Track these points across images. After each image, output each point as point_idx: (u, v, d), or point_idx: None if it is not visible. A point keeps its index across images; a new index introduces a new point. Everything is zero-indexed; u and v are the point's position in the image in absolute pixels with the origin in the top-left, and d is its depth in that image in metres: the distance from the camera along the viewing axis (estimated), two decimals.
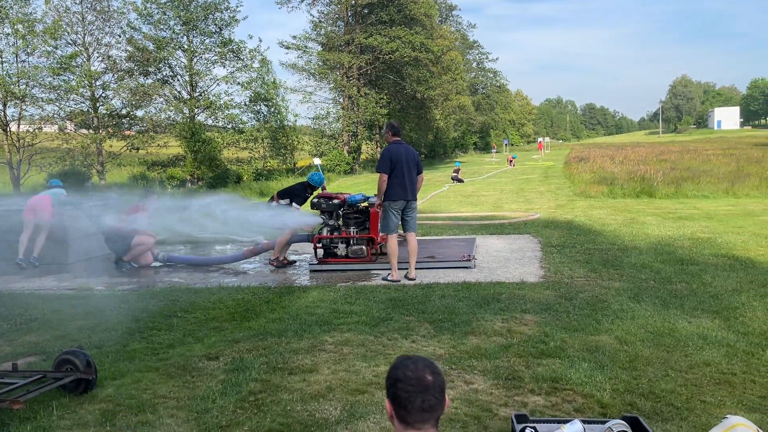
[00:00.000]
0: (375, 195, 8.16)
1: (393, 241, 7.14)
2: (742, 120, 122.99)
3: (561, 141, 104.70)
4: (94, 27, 25.12)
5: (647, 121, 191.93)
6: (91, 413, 3.70)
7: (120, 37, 26.14)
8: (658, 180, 17.42)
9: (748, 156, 25.95)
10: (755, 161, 22.68)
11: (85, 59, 24.72)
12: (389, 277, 7.17)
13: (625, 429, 2.76)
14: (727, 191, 15.75)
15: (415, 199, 7.26)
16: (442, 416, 3.54)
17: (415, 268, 7.22)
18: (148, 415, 3.63)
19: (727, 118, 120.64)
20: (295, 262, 8.68)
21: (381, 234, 7.53)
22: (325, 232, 8.14)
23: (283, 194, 8.50)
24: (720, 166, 20.91)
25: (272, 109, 30.79)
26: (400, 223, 7.26)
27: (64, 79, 23.74)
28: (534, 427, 2.91)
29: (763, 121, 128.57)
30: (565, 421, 2.97)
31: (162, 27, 27.18)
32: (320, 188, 8.52)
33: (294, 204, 8.32)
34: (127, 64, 26.35)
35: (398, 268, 7.14)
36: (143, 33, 26.74)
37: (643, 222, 11.02)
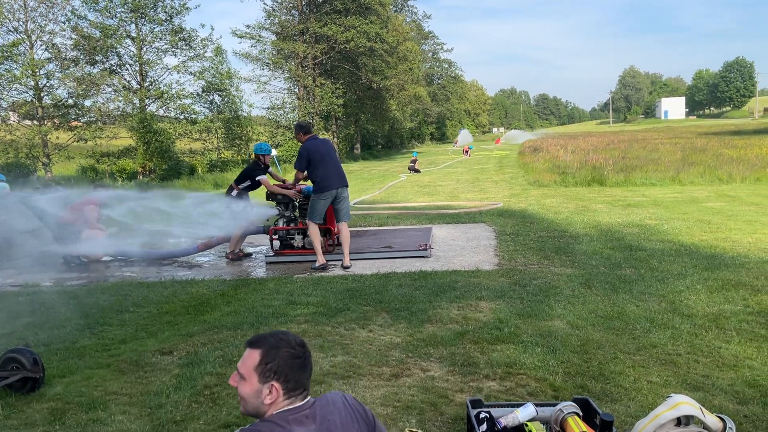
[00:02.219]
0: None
1: (315, 228, 7.28)
2: (687, 110, 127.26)
3: (515, 131, 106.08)
4: (37, 14, 24.12)
5: (598, 111, 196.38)
6: (39, 412, 3.60)
7: (64, 24, 25.20)
8: (608, 169, 17.87)
9: (693, 145, 26.83)
10: (700, 150, 23.47)
11: (27, 47, 23.77)
12: (316, 265, 7.27)
13: (575, 410, 2.84)
14: (673, 179, 16.27)
15: (346, 186, 7.36)
16: (399, 404, 3.58)
17: (373, 258, 7.25)
18: (99, 413, 3.55)
19: (674, 108, 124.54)
20: (251, 254, 8.59)
21: (306, 220, 7.53)
22: (281, 224, 8.08)
23: (240, 179, 8.33)
24: (667, 155, 21.56)
25: (226, 99, 30.23)
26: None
27: (6, 68, 22.79)
28: (488, 412, 2.96)
29: (707, 111, 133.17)
30: (519, 405, 3.04)
31: (108, 14, 26.32)
32: (270, 155, 8.35)
33: (258, 177, 8.14)
34: (72, 53, 25.44)
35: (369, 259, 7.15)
36: (89, 20, 25.85)
37: (594, 210, 11.31)
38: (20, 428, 3.42)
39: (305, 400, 1.93)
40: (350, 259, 7.32)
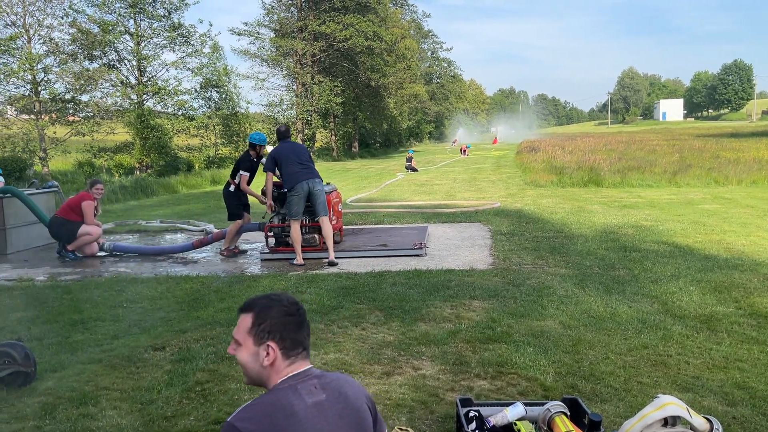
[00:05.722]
0: (327, 183, 8.17)
1: (296, 226, 7.40)
2: (685, 112, 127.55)
3: (513, 131, 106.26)
4: (35, 8, 24.05)
5: (597, 112, 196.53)
6: (30, 406, 3.60)
7: (63, 19, 25.13)
8: (605, 169, 17.90)
9: (690, 146, 26.89)
10: (697, 151, 23.53)
11: (25, 41, 23.69)
12: (294, 262, 7.41)
13: (563, 410, 2.85)
14: (670, 181, 16.31)
15: (319, 179, 7.50)
16: (389, 402, 3.59)
17: (368, 257, 7.28)
18: (89, 408, 3.55)
19: (672, 109, 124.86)
20: (246, 251, 8.58)
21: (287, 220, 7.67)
22: (276, 221, 8.08)
23: (233, 173, 8.30)
24: (664, 156, 21.60)
25: (224, 96, 30.18)
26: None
27: (3, 62, 22.72)
28: (478, 411, 2.97)
29: (705, 113, 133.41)
30: (508, 404, 3.05)
31: (107, 9, 26.25)
32: (264, 145, 8.35)
33: (240, 171, 8.14)
34: (70, 48, 25.36)
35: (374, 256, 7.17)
36: (87, 15, 25.78)
37: (590, 210, 11.33)
38: (11, 422, 3.42)
39: (310, 365, 1.88)
40: (345, 257, 7.33)
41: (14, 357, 3.84)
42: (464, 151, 37.50)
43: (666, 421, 2.64)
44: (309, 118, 36.84)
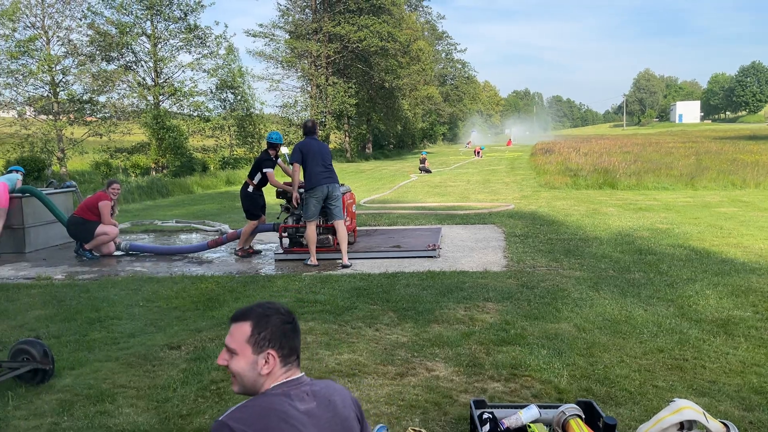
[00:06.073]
0: (343, 185, 8.20)
1: (312, 228, 7.44)
2: (702, 114, 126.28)
3: (528, 133, 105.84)
4: (54, 10, 24.36)
5: (612, 114, 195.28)
6: (48, 403, 3.65)
7: (81, 21, 25.43)
8: (620, 172, 17.77)
9: (707, 149, 26.63)
10: (714, 154, 23.30)
11: (44, 43, 24.00)
12: (308, 262, 7.46)
13: (578, 412, 2.84)
14: (686, 183, 16.15)
15: (338, 183, 7.56)
16: (403, 403, 3.60)
17: (382, 258, 7.29)
18: (106, 405, 3.60)
19: (689, 112, 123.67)
20: (260, 251, 8.63)
21: (302, 221, 7.78)
22: (290, 222, 8.12)
23: (252, 172, 8.33)
24: (680, 159, 21.42)
25: (239, 97, 30.35)
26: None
27: (22, 63, 23.02)
28: (491, 413, 2.97)
29: (722, 115, 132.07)
30: (522, 407, 3.05)
31: (124, 11, 26.52)
32: (281, 144, 8.39)
33: (264, 170, 8.18)
34: (88, 49, 25.65)
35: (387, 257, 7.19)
36: (105, 17, 26.07)
37: (605, 213, 11.26)
38: (29, 419, 3.47)
39: (302, 374, 1.91)
40: (359, 258, 7.35)
41: (33, 354, 3.89)
42: (478, 152, 37.40)
43: (682, 426, 2.62)
44: (323, 120, 36.94)
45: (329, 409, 1.86)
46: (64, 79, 24.57)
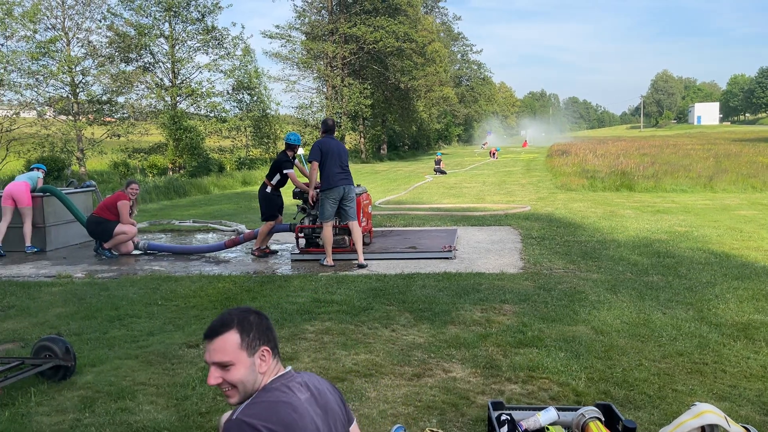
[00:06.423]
0: (359, 186, 8.22)
1: (328, 229, 7.47)
2: (721, 116, 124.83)
3: (543, 134, 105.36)
4: (74, 11, 24.65)
5: (629, 116, 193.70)
6: (69, 400, 3.70)
7: (100, 22, 25.74)
8: (638, 174, 17.62)
9: (726, 151, 26.32)
10: (733, 156, 23.02)
11: (64, 44, 24.31)
12: (324, 262, 7.50)
13: (597, 415, 2.83)
14: (705, 186, 15.98)
15: (353, 184, 7.59)
16: (420, 404, 3.60)
17: (397, 259, 7.31)
18: (127, 402, 3.64)
19: (707, 113, 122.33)
20: (277, 251, 8.67)
21: (318, 221, 7.79)
22: (306, 222, 8.15)
23: (271, 173, 8.36)
24: (699, 161, 21.19)
25: (255, 98, 30.52)
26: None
27: (43, 64, 23.33)
28: (510, 414, 2.97)
29: (741, 117, 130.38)
30: (540, 409, 3.04)
31: (143, 13, 26.79)
32: (298, 145, 8.42)
33: (285, 171, 8.20)
34: (107, 50, 25.95)
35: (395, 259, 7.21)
36: (124, 19, 26.35)
37: (622, 215, 11.17)
38: (51, 415, 3.52)
39: (289, 367, 2.00)
40: (375, 259, 7.37)
41: (55, 351, 3.95)
42: (494, 154, 37.27)
43: (703, 430, 2.60)
44: (338, 121, 37.03)
45: (321, 397, 1.96)
46: (83, 80, 24.88)
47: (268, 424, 1.71)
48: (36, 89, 23.67)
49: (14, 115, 22.29)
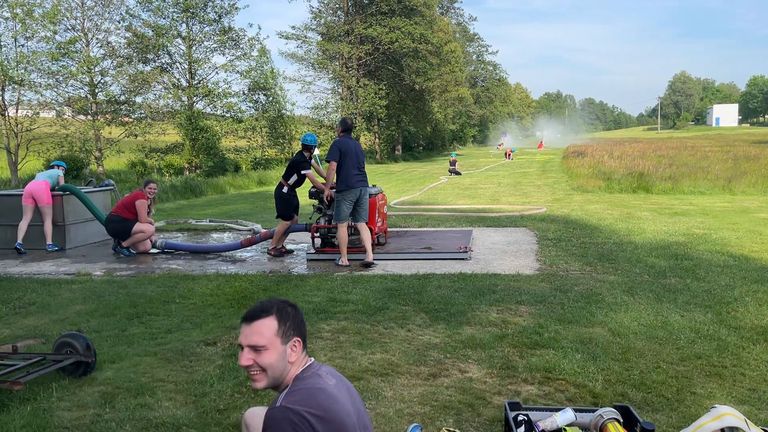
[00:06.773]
0: (373, 186, 8.24)
1: (343, 229, 7.52)
2: (740, 117, 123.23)
3: (559, 135, 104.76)
4: (94, 13, 24.92)
5: (646, 117, 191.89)
6: (90, 395, 3.75)
7: (119, 23, 26.01)
8: (655, 175, 17.47)
9: (745, 153, 26.00)
10: (752, 158, 22.73)
11: (84, 45, 24.60)
12: (339, 262, 7.55)
13: (616, 416, 2.82)
14: (723, 188, 15.81)
15: (368, 186, 7.66)
16: (436, 404, 3.61)
17: (413, 259, 7.33)
18: (146, 398, 3.69)
19: (726, 115, 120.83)
20: (292, 251, 8.72)
21: (333, 222, 7.85)
22: (322, 222, 8.18)
23: (287, 174, 8.37)
24: (717, 163, 20.95)
25: (271, 99, 30.67)
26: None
27: (63, 65, 23.61)
28: (527, 415, 2.96)
29: (761, 119, 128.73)
30: (557, 410, 3.03)
31: (161, 14, 27.04)
32: (315, 146, 8.44)
33: (303, 171, 8.21)
34: (126, 51, 26.22)
35: (399, 259, 7.23)
36: (142, 20, 26.61)
37: (639, 217, 11.09)
38: (72, 410, 3.57)
39: (311, 359, 2.08)
40: (390, 260, 7.38)
41: (76, 347, 4.01)
42: (509, 155, 37.14)
43: None
44: (354, 121, 37.12)
45: (343, 384, 2.06)
46: (102, 80, 25.14)
47: (310, 409, 1.83)
48: (56, 89, 23.97)
49: (34, 115, 22.58)
